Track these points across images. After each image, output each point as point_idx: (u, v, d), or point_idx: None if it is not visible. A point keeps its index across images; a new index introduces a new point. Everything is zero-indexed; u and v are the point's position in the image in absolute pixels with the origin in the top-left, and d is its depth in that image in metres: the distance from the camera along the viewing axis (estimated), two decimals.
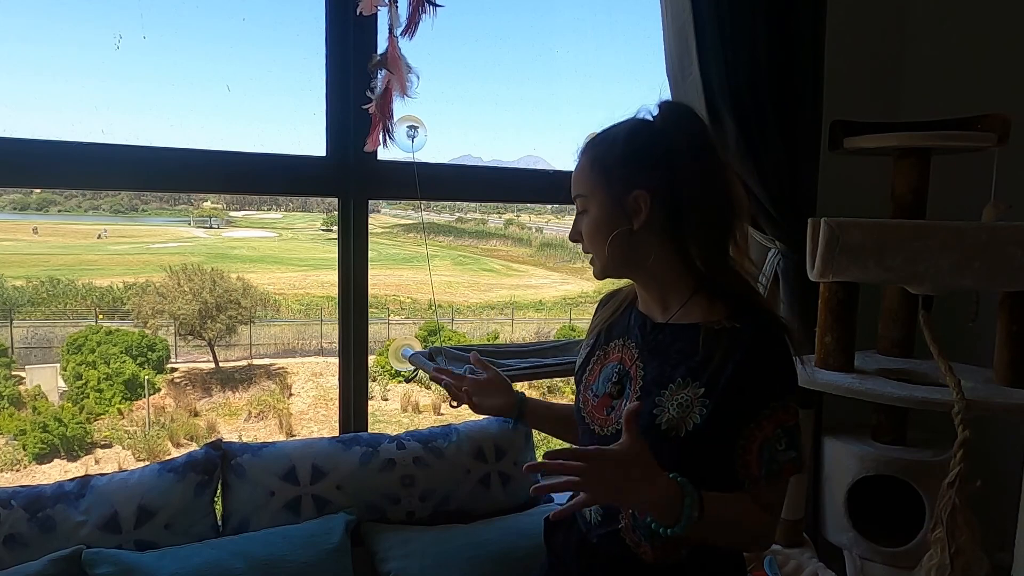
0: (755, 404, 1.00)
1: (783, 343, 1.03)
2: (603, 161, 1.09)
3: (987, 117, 1.75)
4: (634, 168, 1.06)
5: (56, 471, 8.44)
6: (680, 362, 1.05)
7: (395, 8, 1.52)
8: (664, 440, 1.02)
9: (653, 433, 1.02)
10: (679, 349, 1.06)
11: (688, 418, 1.01)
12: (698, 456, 1.02)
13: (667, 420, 1.02)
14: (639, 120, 1.11)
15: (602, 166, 1.09)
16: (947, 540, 1.41)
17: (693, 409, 1.01)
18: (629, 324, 1.16)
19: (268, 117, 19.84)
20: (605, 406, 1.13)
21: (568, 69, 21.62)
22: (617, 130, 1.11)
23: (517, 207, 15.19)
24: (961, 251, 1.56)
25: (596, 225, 1.09)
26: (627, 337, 1.15)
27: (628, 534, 1.08)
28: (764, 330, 1.03)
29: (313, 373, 11.13)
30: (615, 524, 1.09)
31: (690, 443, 1.01)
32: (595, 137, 1.13)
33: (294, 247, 16.16)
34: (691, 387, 1.02)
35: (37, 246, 14.07)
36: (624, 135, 1.09)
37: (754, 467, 1.00)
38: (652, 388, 1.06)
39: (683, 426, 1.01)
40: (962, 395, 1.46)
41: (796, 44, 1.84)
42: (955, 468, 1.42)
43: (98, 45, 17.09)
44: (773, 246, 1.97)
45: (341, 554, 1.49)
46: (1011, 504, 1.60)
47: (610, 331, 1.19)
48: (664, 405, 1.03)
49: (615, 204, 1.07)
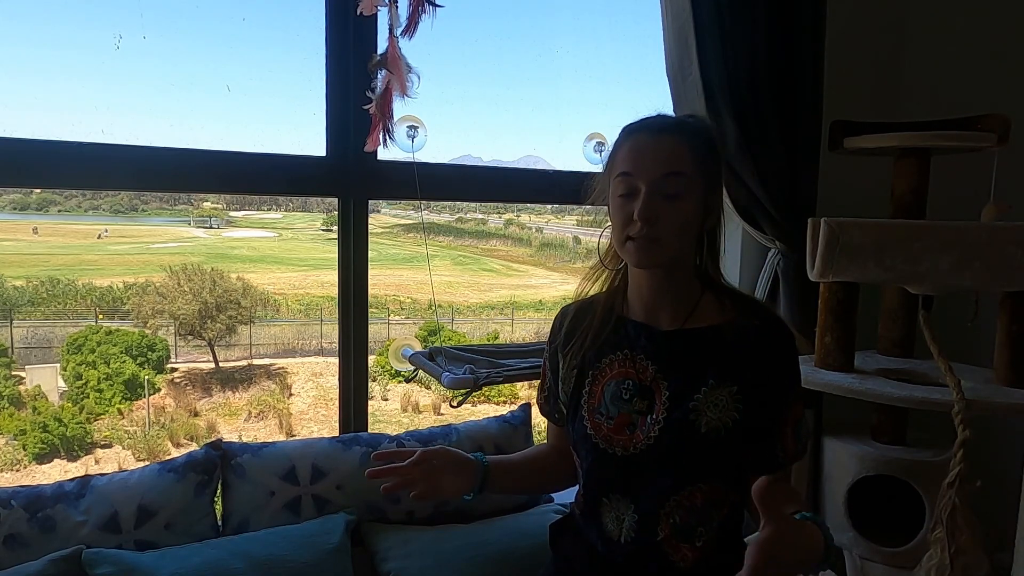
0: (787, 392, 1.08)
1: (792, 333, 1.12)
2: (705, 152, 1.06)
3: (987, 117, 1.75)
4: (720, 168, 1.09)
5: (56, 471, 8.45)
6: (707, 365, 1.07)
7: (395, 8, 1.52)
8: (707, 443, 1.05)
9: (696, 439, 1.05)
10: (703, 353, 1.08)
11: (727, 416, 1.05)
12: (737, 450, 1.07)
13: (707, 423, 1.05)
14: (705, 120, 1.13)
15: (704, 157, 1.06)
16: (947, 540, 1.41)
17: (730, 408, 1.05)
18: (626, 336, 1.12)
19: (268, 117, 19.88)
20: (625, 425, 1.09)
21: (568, 70, 21.66)
22: (699, 124, 1.10)
23: (517, 207, 15.19)
24: (961, 251, 1.56)
25: (686, 216, 1.04)
26: (628, 350, 1.11)
27: (667, 542, 1.07)
28: (779, 325, 1.11)
29: (313, 373, 11.14)
30: (652, 536, 1.07)
31: (731, 440, 1.05)
32: (682, 122, 1.08)
33: (294, 247, 16.18)
34: (724, 387, 1.06)
35: (37, 246, 14.08)
36: (709, 133, 1.09)
37: (791, 446, 1.09)
38: (683, 397, 1.06)
39: (723, 426, 1.05)
40: (962, 395, 1.46)
41: (796, 44, 1.84)
42: (955, 468, 1.42)
43: (98, 46, 17.14)
44: (773, 246, 1.97)
45: (341, 554, 1.48)
46: (1011, 504, 1.60)
47: (595, 343, 1.14)
48: (700, 410, 1.05)
49: (703, 199, 1.06)
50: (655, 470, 1.07)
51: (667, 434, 1.06)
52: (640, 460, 1.07)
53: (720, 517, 1.09)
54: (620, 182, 1.06)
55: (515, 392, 9.07)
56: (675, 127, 1.06)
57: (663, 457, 1.06)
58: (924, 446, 1.86)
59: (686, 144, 1.04)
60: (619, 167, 1.06)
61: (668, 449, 1.06)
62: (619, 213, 1.06)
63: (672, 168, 1.03)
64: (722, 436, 1.04)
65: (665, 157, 1.03)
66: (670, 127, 1.06)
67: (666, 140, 1.04)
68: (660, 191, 1.03)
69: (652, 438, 1.06)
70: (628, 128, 1.10)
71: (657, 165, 1.03)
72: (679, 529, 1.07)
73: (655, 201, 1.02)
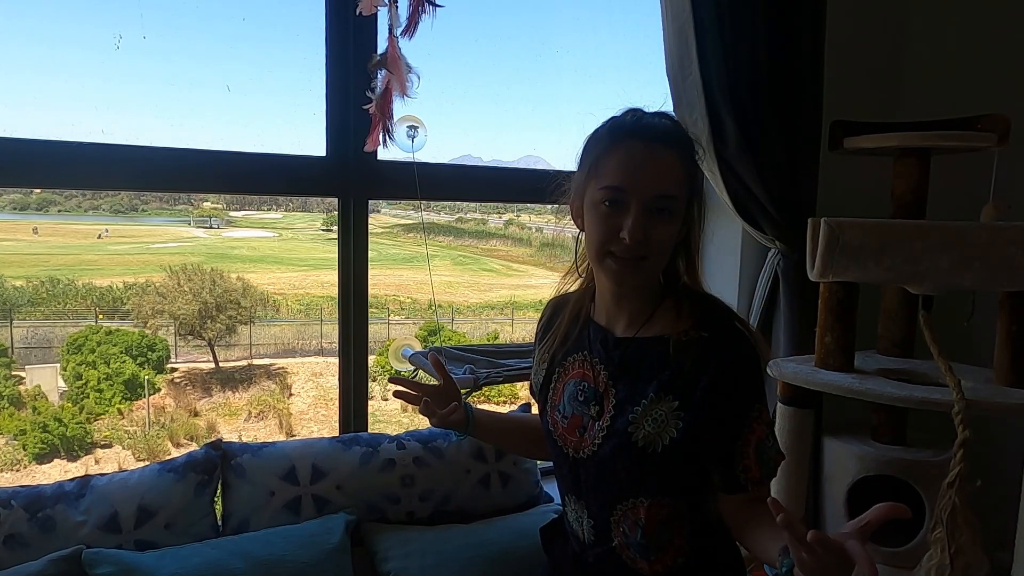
0: (742, 410, 1.01)
1: (750, 347, 1.02)
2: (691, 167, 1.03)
3: (987, 117, 1.75)
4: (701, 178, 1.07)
5: (56, 471, 8.44)
6: (651, 377, 1.03)
7: (395, 8, 1.52)
8: (642, 456, 1.02)
9: (630, 450, 1.02)
10: (649, 363, 1.04)
11: (664, 432, 1.01)
12: (678, 468, 1.02)
13: (643, 436, 1.01)
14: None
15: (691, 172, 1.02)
16: (947, 540, 1.41)
17: (669, 423, 1.00)
18: (588, 338, 1.11)
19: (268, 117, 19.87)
20: (576, 427, 1.09)
21: (568, 69, 21.65)
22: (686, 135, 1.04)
23: (517, 207, 15.17)
24: (961, 251, 1.56)
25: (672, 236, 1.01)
26: (587, 352, 1.11)
27: (624, 551, 1.08)
28: (731, 337, 1.02)
29: (313, 373, 11.13)
30: (609, 543, 1.08)
31: (669, 457, 1.01)
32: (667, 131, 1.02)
33: (294, 247, 16.17)
34: (664, 401, 1.01)
35: (37, 246, 14.07)
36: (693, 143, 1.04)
37: (754, 469, 1.01)
38: (625, 406, 1.04)
39: (659, 441, 1.01)
40: (962, 395, 1.46)
41: (796, 44, 1.84)
42: (955, 468, 1.42)
43: (98, 45, 17.12)
44: (773, 246, 1.97)
45: (341, 554, 1.48)
46: (1011, 504, 1.60)
47: (565, 344, 1.14)
48: (638, 422, 1.02)
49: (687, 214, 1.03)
50: (597, 477, 1.07)
51: (608, 442, 1.04)
52: (586, 464, 1.07)
53: (679, 537, 1.05)
54: (607, 192, 0.99)
55: (515, 392, 9.06)
56: (668, 138, 1.00)
57: (603, 465, 1.05)
58: (924, 446, 1.86)
59: (679, 161, 1.00)
60: (608, 178, 0.99)
61: (608, 458, 1.04)
62: (602, 224, 0.99)
63: (668, 190, 0.98)
64: (658, 451, 1.00)
65: (662, 176, 0.98)
66: (662, 137, 1.00)
67: (661, 155, 0.99)
68: (652, 209, 0.98)
69: (596, 444, 1.06)
70: (615, 129, 1.02)
71: (653, 184, 0.97)
72: (632, 542, 1.06)
73: (648, 220, 0.97)
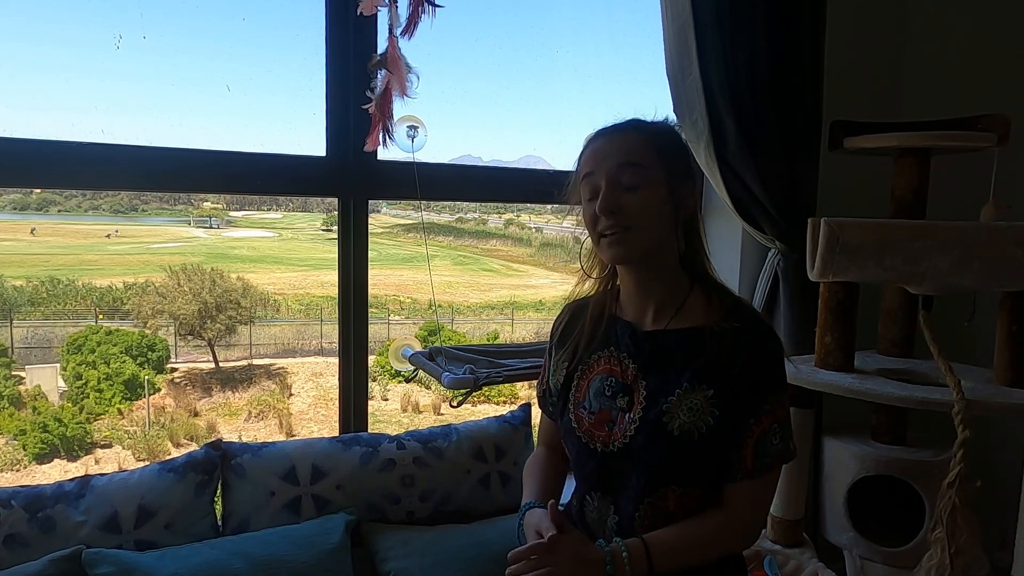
0: (757, 401, 1.04)
1: (778, 342, 1.08)
2: (663, 143, 1.09)
3: (987, 117, 1.75)
4: (688, 163, 1.12)
5: (56, 471, 8.44)
6: (684, 367, 1.06)
7: (395, 8, 1.52)
8: (678, 445, 1.04)
9: (665, 440, 1.04)
10: (682, 354, 1.07)
11: (700, 420, 1.03)
12: (712, 457, 1.05)
13: (679, 426, 1.04)
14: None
15: (663, 147, 1.08)
16: (947, 540, 1.41)
17: (704, 411, 1.03)
18: (614, 334, 1.14)
19: (268, 117, 19.88)
20: (605, 421, 1.11)
21: (568, 69, 21.68)
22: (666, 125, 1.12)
23: (517, 207, 15.20)
24: (961, 251, 1.55)
25: (649, 204, 1.06)
26: (613, 348, 1.14)
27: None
28: (763, 329, 1.07)
29: (313, 373, 11.13)
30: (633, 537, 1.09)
31: (704, 444, 1.03)
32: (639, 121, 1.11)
33: (294, 247, 16.17)
34: (699, 390, 1.04)
35: (37, 246, 14.07)
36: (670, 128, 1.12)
37: (748, 461, 1.04)
38: (658, 396, 1.06)
39: (696, 429, 1.03)
40: (962, 395, 1.46)
41: (796, 44, 1.84)
42: (955, 468, 1.42)
43: (98, 45, 17.14)
44: (773, 246, 1.97)
45: (341, 554, 1.49)
46: (1011, 504, 1.60)
47: (590, 343, 1.17)
48: (672, 411, 1.04)
49: (670, 190, 1.07)
50: (629, 469, 1.08)
51: (641, 433, 1.06)
52: (616, 458, 1.08)
53: None
54: (585, 185, 1.09)
55: (515, 392, 9.07)
56: (631, 125, 1.09)
57: (636, 456, 1.06)
58: (924, 446, 1.86)
59: (643, 137, 1.07)
60: (582, 171, 1.10)
61: (641, 449, 1.06)
62: (587, 212, 1.09)
63: (627, 158, 1.05)
64: (694, 439, 1.03)
65: (619, 149, 1.06)
66: (626, 125, 1.10)
67: (620, 135, 1.08)
68: (619, 183, 1.05)
69: (628, 436, 1.07)
70: (590, 135, 1.12)
71: (612, 157, 1.06)
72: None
73: (615, 193, 1.05)
